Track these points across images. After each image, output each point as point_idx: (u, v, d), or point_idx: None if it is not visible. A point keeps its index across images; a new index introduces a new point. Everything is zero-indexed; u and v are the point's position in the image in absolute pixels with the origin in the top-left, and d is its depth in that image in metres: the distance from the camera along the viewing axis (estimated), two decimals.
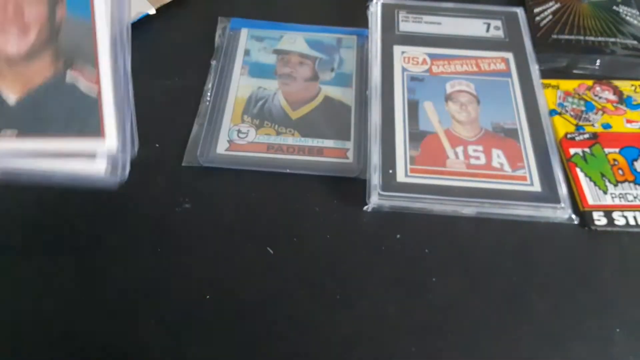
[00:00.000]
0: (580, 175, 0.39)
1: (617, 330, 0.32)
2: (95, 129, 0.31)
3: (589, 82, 0.45)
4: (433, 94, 0.41)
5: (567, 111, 0.43)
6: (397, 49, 0.44)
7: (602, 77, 0.45)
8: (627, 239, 0.36)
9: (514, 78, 0.42)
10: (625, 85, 0.44)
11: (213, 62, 0.43)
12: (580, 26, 0.48)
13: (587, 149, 0.40)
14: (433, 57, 0.43)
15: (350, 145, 0.38)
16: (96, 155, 0.31)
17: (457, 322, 0.32)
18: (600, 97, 0.44)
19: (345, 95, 0.41)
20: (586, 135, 0.41)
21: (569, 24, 0.48)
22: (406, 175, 0.36)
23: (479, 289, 0.33)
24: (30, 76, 0.31)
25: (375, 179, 0.36)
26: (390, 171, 0.36)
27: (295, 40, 0.45)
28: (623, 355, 0.32)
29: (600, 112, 0.43)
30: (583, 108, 0.43)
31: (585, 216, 0.36)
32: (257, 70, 0.43)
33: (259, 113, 0.40)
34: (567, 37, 0.47)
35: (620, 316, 0.33)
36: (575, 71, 0.46)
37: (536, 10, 0.49)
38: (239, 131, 0.39)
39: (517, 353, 0.31)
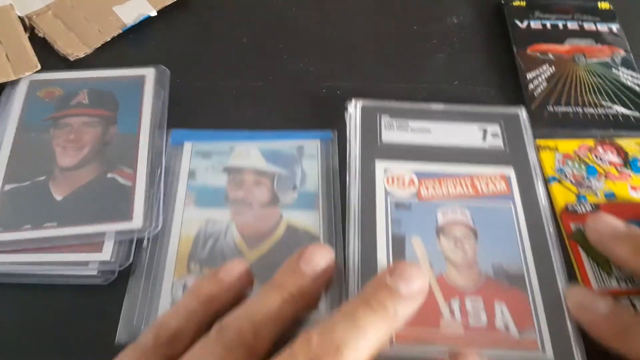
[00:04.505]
0: (583, 255, 0.33)
1: None
2: (125, 214, 0.34)
3: (591, 142, 0.40)
4: (422, 227, 0.34)
5: (566, 177, 0.37)
6: (380, 166, 0.37)
7: (605, 136, 0.40)
8: None
9: (516, 203, 0.35)
10: (630, 145, 0.40)
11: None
12: (577, 96, 0.42)
13: None
14: (421, 175, 0.36)
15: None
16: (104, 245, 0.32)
17: None
18: (603, 160, 0.38)
19: (311, 220, 0.34)
20: (588, 207, 0.35)
21: (565, 94, 0.42)
22: (390, 345, 0.29)
23: None
24: (77, 179, 0.36)
25: None
26: None
27: (249, 152, 0.37)
28: None
29: (603, 178, 0.37)
30: (584, 173, 0.38)
31: None
32: (205, 198, 0.35)
33: (210, 257, 0.32)
34: (564, 109, 0.41)
35: None
36: None
37: (529, 76, 0.43)
38: (185, 287, 0.31)
39: None
